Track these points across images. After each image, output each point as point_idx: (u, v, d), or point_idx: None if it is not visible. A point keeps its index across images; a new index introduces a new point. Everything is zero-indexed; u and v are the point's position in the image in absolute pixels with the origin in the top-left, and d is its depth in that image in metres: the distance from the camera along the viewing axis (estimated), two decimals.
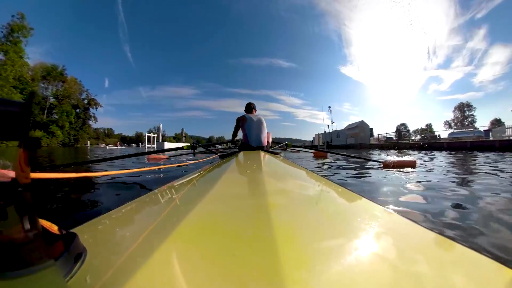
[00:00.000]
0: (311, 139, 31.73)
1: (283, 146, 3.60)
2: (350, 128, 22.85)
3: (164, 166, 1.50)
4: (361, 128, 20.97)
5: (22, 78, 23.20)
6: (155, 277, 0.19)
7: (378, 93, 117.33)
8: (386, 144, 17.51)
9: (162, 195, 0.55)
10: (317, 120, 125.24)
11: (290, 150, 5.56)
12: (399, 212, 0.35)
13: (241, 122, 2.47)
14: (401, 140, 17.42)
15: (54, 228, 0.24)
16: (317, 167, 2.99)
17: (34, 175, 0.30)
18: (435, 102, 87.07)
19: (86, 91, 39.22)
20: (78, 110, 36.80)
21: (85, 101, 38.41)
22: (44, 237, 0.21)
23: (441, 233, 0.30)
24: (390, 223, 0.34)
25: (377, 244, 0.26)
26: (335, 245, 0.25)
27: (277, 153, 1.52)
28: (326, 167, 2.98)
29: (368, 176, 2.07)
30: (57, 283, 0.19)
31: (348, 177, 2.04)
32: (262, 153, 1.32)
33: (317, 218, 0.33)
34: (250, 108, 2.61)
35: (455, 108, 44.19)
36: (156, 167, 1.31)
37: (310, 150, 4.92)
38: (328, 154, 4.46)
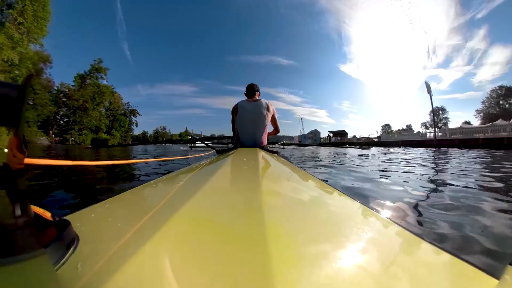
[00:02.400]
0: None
1: (280, 145, 3.71)
2: (310, 133, 38.81)
3: (160, 159, 1.48)
4: (314, 133, 37.30)
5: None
6: (146, 268, 0.20)
7: (377, 92, 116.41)
8: (324, 143, 30.06)
9: (156, 187, 0.56)
10: (316, 118, 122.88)
11: (288, 147, 5.65)
12: (391, 218, 0.38)
13: (233, 114, 1.95)
14: (331, 141, 31.78)
15: (47, 215, 0.24)
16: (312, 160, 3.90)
17: (29, 160, 0.30)
18: (434, 101, 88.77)
19: (127, 103, 51.87)
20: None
21: (128, 111, 51.00)
22: (36, 224, 0.21)
23: (431, 242, 0.31)
24: (382, 229, 0.35)
25: (368, 251, 0.27)
26: (326, 247, 0.26)
27: (275, 152, 1.43)
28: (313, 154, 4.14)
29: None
30: (47, 270, 0.18)
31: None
32: (259, 151, 1.31)
33: (310, 219, 0.34)
34: (251, 90, 1.98)
35: (431, 111, 50.38)
36: (151, 159, 1.32)
37: (308, 145, 5.65)
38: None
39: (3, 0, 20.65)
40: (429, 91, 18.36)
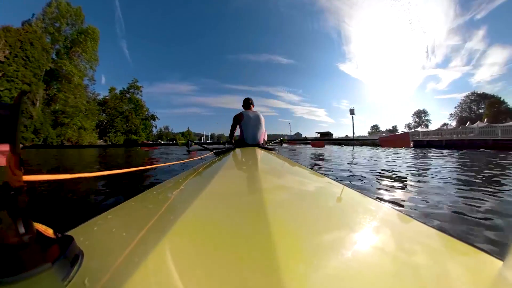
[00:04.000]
0: (309, 135, 52.31)
1: (278, 142, 3.66)
2: (294, 134, 51.57)
3: (158, 165, 1.46)
4: (298, 136, 49.98)
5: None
6: (154, 277, 0.19)
7: (376, 91, 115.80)
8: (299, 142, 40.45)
9: (157, 194, 0.55)
10: (315, 117, 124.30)
11: (287, 146, 5.81)
12: (393, 206, 0.37)
13: (238, 120, 2.46)
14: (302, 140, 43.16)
15: (49, 232, 0.24)
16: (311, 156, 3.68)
17: (27, 177, 0.31)
18: (433, 101, 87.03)
19: (147, 109, 60.57)
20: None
21: (148, 115, 59.76)
22: (40, 241, 0.21)
23: (433, 226, 0.31)
24: (385, 218, 0.36)
25: (372, 239, 0.27)
26: (331, 240, 0.26)
27: (272, 150, 1.48)
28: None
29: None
30: (55, 287, 0.18)
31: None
32: (257, 150, 1.33)
33: (313, 213, 0.34)
34: (248, 104, 2.58)
35: (414, 114, 55.99)
36: (150, 166, 1.24)
37: (306, 142, 5.33)
38: (325, 143, 6.22)
39: (66, 39, 28.80)
40: (351, 113, 25.01)
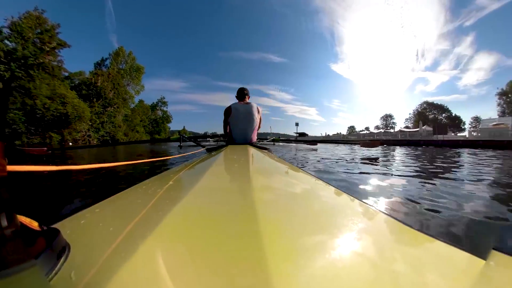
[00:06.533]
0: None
1: (270, 142, 3.57)
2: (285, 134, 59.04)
3: (150, 160, 1.49)
4: (272, 136, 66.94)
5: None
6: (141, 272, 0.20)
7: (367, 91, 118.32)
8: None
9: (146, 188, 0.55)
10: (306, 115, 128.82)
11: (281, 144, 5.42)
12: (382, 209, 0.39)
13: (226, 114, 2.20)
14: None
15: (34, 224, 0.23)
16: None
17: (11, 167, 0.30)
18: (421, 102, 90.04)
19: (171, 117, 76.14)
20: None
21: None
22: (24, 234, 0.20)
23: (420, 230, 0.32)
24: (373, 221, 0.36)
25: (360, 241, 0.27)
26: (319, 241, 0.26)
27: (265, 148, 1.46)
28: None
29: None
30: (40, 281, 0.18)
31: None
32: (249, 148, 1.31)
33: (303, 214, 0.34)
34: (242, 94, 2.27)
35: (381, 117, 68.39)
36: (141, 161, 1.23)
37: (309, 144, 4.75)
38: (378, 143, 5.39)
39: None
40: (296, 124, 31.49)
